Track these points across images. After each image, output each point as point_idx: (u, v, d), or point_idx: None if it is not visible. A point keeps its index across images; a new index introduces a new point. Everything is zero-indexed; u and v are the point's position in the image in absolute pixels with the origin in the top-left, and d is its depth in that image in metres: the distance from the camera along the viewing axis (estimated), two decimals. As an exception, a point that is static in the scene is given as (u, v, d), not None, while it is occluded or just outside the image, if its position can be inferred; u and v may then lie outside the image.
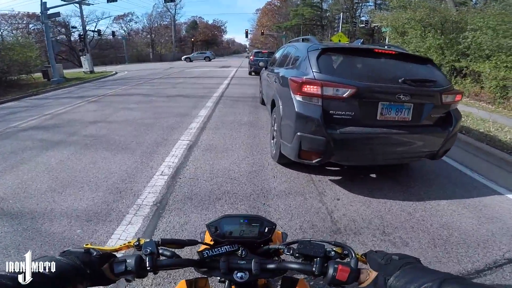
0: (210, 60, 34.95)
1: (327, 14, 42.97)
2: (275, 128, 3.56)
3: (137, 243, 0.71)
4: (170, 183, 3.12)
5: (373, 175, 3.45)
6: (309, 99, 2.80)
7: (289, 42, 5.51)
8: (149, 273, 0.65)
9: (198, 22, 61.85)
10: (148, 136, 4.69)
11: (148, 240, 0.69)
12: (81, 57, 21.47)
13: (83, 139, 4.64)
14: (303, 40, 4.37)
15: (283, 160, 3.45)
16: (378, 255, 0.64)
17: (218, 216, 0.80)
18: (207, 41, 61.10)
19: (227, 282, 0.82)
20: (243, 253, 0.75)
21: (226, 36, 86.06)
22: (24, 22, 35.36)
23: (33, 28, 35.33)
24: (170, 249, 0.72)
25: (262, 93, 6.69)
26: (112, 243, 2.14)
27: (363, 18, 37.11)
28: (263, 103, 6.67)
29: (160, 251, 0.70)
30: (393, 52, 3.14)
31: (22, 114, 7.01)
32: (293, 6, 44.68)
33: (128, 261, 0.63)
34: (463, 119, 6.21)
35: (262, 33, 41.28)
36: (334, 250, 0.70)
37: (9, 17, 33.51)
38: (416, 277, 0.52)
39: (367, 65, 3.10)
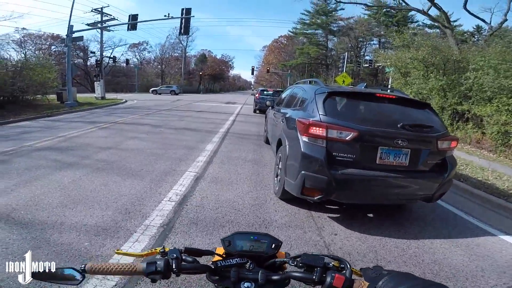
0: (176, 94, 35.27)
1: (332, 53, 44.57)
2: (280, 166, 3.74)
3: (162, 250, 0.83)
4: (177, 208, 3.29)
5: (371, 215, 3.59)
6: (315, 140, 3.01)
7: (296, 84, 5.78)
8: (172, 274, 0.76)
9: (207, 56, 64.33)
10: (157, 165, 4.91)
11: (173, 248, 0.82)
12: (95, 82, 22.36)
13: (95, 163, 4.86)
14: (309, 82, 4.65)
15: (285, 196, 3.60)
16: (372, 270, 0.73)
17: (230, 233, 0.90)
18: (214, 75, 63.09)
19: None
20: (251, 266, 0.83)
21: (233, 72, 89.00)
22: (48, 43, 36.94)
23: (54, 50, 37.08)
24: (191, 256, 0.83)
25: (266, 131, 6.91)
26: (118, 257, 2.25)
27: (367, 57, 38.54)
28: (267, 142, 6.86)
29: (183, 257, 0.81)
30: (393, 97, 3.38)
31: (36, 134, 7.32)
32: (299, 44, 46.16)
33: (158, 263, 0.74)
34: (462, 167, 6.35)
35: (268, 71, 42.76)
36: (332, 263, 0.81)
37: (35, 37, 35.05)
38: (403, 281, 0.61)
39: (369, 109, 3.32)
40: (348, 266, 0.78)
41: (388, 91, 4.11)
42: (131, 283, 2.01)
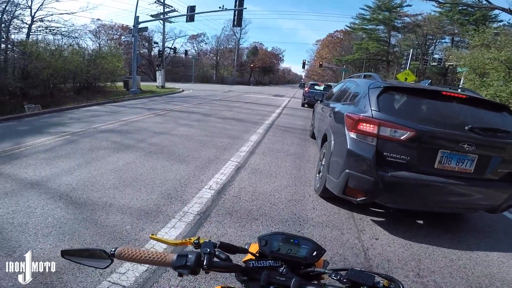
0: None
1: (394, 50, 41.27)
2: (323, 163, 3.60)
3: (197, 241, 0.77)
4: (215, 197, 3.39)
5: (420, 221, 3.29)
6: (364, 138, 2.79)
7: (350, 77, 5.42)
8: (201, 271, 0.71)
9: (258, 48, 64.71)
10: (203, 153, 5.13)
11: (208, 240, 0.76)
12: (157, 71, 24.07)
13: (148, 147, 5.27)
14: (365, 76, 4.31)
15: (326, 194, 3.45)
16: None
17: (270, 232, 0.84)
18: (264, 68, 63.52)
19: None
20: (285, 270, 0.76)
21: (283, 65, 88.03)
22: (118, 33, 40.80)
23: (124, 40, 40.73)
24: (224, 253, 0.77)
25: (313, 126, 6.73)
26: (153, 243, 2.35)
27: (436, 56, 34.92)
28: (313, 136, 6.71)
29: (216, 253, 0.75)
30: (463, 96, 2.94)
31: (103, 117, 8.20)
32: (357, 39, 43.68)
33: (189, 256, 0.70)
34: None
35: (321, 65, 40.98)
36: (382, 283, 0.70)
37: (108, 27, 39.10)
38: None
39: (432, 108, 2.97)
40: (401, 287, 0.68)
41: (459, 90, 3.60)
42: (161, 270, 2.09)
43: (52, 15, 14.80)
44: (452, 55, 14.70)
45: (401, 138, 2.64)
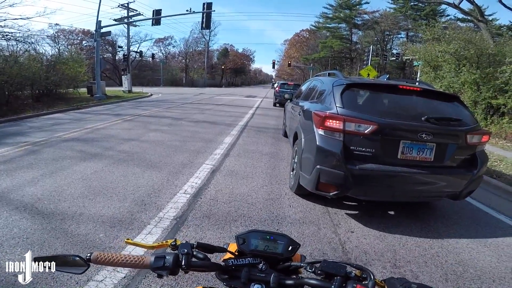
0: None
1: (356, 47, 43.17)
2: (295, 160, 3.67)
3: (174, 243, 0.78)
4: (191, 201, 3.32)
5: (392, 212, 3.44)
6: (331, 134, 2.90)
7: (316, 76, 5.59)
8: (180, 271, 0.73)
9: (229, 50, 64.66)
10: (175, 158, 5.00)
11: (184, 242, 0.78)
12: (122, 76, 23.15)
13: (117, 154, 5.04)
14: (329, 74, 4.48)
15: (300, 191, 3.53)
16: (398, 281, 0.68)
17: (246, 230, 0.87)
18: (236, 69, 63.55)
19: None
20: (264, 267, 0.78)
21: (254, 66, 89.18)
22: (79, 38, 38.49)
23: (85, 45, 38.64)
24: (202, 253, 0.80)
25: (285, 125, 6.85)
26: (129, 249, 2.28)
27: (394, 51, 37.02)
28: (285, 135, 6.81)
29: (194, 253, 0.77)
30: (418, 89, 3.17)
31: (66, 126, 7.71)
32: (322, 38, 44.99)
33: (167, 257, 0.71)
34: (496, 163, 6.04)
35: (289, 65, 42.03)
36: (354, 273, 0.74)
37: (67, 32, 36.51)
38: None
39: (391, 102, 3.17)
40: (372, 276, 0.71)
41: (417, 83, 3.86)
42: (140, 276, 2.02)
43: (5, 20, 13.58)
44: (408, 49, 15.56)
45: (365, 131, 2.78)
